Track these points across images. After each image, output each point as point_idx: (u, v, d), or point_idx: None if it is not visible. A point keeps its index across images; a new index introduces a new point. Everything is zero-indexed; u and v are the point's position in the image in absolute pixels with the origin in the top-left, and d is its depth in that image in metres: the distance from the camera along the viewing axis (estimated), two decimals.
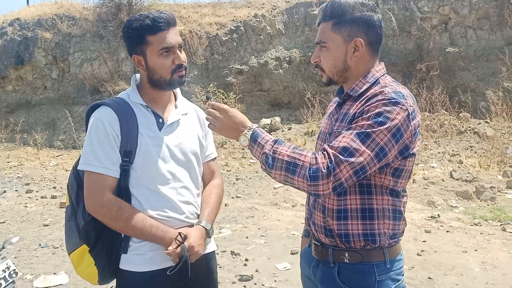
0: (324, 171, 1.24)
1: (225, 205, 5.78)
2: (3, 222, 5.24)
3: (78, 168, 1.55)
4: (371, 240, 1.40)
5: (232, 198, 6.21)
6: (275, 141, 1.35)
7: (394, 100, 1.31)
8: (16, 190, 6.90)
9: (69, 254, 1.61)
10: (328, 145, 1.30)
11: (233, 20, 10.92)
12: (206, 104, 1.50)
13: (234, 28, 10.70)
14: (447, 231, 4.78)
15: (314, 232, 1.52)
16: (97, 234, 1.52)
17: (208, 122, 1.46)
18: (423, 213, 5.44)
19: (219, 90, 9.82)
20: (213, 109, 1.45)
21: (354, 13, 1.40)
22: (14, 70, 11.60)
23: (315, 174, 1.25)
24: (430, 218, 5.24)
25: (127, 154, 1.51)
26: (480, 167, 7.19)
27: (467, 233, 4.72)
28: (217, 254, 4.08)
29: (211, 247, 1.70)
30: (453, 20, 9.84)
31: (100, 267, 1.54)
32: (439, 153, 7.88)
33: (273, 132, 9.34)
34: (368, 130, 1.28)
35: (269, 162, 1.32)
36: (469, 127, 8.63)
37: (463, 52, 9.61)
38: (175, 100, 1.70)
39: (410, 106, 1.34)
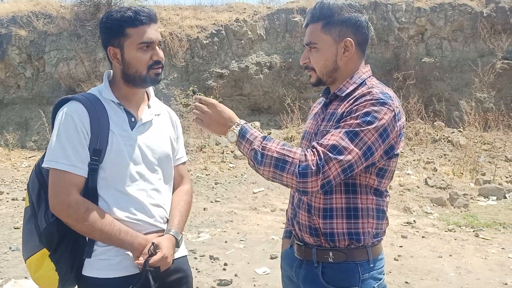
0: (313, 168, 1.24)
1: (204, 209, 5.71)
2: None
3: (43, 165, 1.45)
4: (355, 239, 1.41)
5: (211, 202, 6.15)
6: (264, 138, 1.34)
7: (381, 101, 1.33)
8: None
9: (25, 260, 1.48)
10: (317, 143, 1.30)
11: (214, 23, 10.88)
12: (193, 98, 1.46)
13: (215, 32, 10.67)
14: (422, 237, 4.87)
15: (298, 232, 1.51)
16: (60, 236, 1.41)
17: (195, 117, 1.43)
18: (399, 219, 5.53)
19: (199, 93, 9.76)
20: (200, 103, 1.42)
21: (342, 14, 1.41)
22: None
23: (305, 171, 1.24)
24: (406, 224, 5.33)
25: (96, 152, 1.43)
26: (454, 175, 7.38)
27: (442, 239, 4.81)
28: (196, 258, 4.04)
29: (182, 252, 1.64)
30: (429, 31, 10.13)
31: (62, 272, 1.43)
32: (414, 160, 8.05)
33: None
34: (356, 129, 1.29)
35: (257, 158, 1.31)
36: (443, 135, 8.86)
37: (438, 62, 9.88)
38: (148, 99, 1.64)
39: (396, 107, 1.36)
